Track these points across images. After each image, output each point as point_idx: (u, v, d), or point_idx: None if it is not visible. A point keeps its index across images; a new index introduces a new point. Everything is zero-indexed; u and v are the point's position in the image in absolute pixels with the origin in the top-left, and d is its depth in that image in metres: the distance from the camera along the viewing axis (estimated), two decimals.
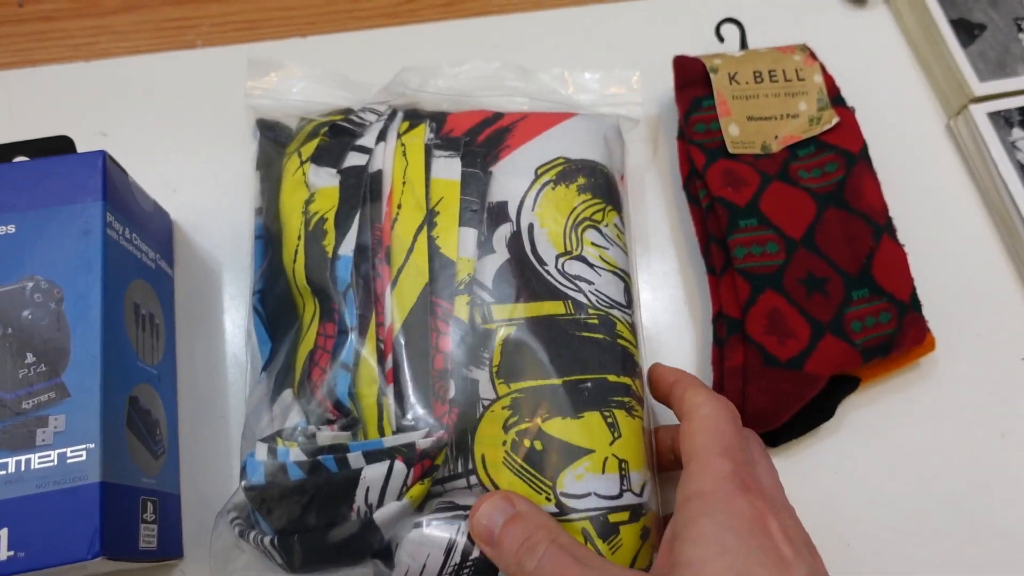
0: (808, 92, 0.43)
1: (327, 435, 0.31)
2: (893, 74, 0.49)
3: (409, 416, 0.32)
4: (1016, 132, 0.44)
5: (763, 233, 0.39)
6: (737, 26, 0.47)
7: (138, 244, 0.37)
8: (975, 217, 0.45)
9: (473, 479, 0.32)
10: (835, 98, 0.43)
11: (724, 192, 0.41)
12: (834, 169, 0.41)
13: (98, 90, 0.47)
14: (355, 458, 0.30)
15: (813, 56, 0.44)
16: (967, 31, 0.47)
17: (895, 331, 0.38)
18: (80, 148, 0.39)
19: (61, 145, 0.39)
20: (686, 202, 0.45)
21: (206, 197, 0.44)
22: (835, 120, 0.42)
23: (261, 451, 0.31)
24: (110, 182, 0.35)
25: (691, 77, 0.44)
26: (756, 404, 0.37)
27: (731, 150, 0.42)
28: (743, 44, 0.47)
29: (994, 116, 0.45)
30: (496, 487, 0.32)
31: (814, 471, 0.39)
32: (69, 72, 0.48)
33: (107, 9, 0.50)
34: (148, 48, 0.49)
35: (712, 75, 0.43)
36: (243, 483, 0.30)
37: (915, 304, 0.39)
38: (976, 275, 0.44)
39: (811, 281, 0.39)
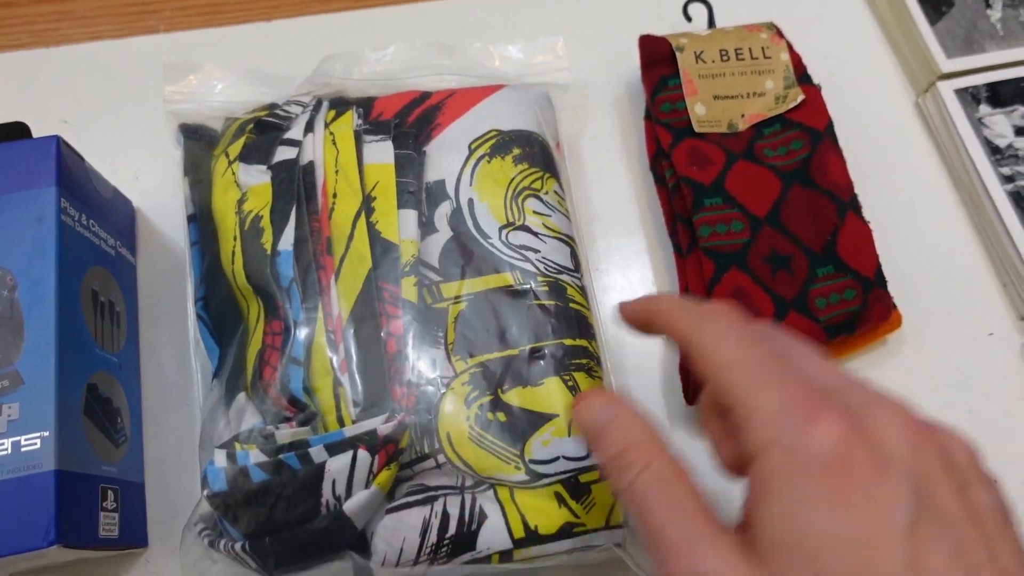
0: (775, 70, 0.43)
1: (286, 433, 0.30)
2: (862, 51, 0.49)
3: (367, 403, 0.31)
4: (983, 108, 0.45)
5: (728, 211, 0.39)
6: (705, 5, 0.46)
7: (96, 231, 0.37)
8: (943, 194, 0.45)
9: (441, 458, 0.32)
10: (801, 76, 0.43)
11: (690, 171, 0.40)
12: (799, 147, 0.41)
13: (59, 77, 0.46)
14: (317, 452, 0.30)
15: (780, 34, 0.43)
16: (935, 8, 0.47)
17: (860, 308, 0.38)
18: (40, 135, 0.38)
19: (16, 131, 0.38)
20: (653, 182, 0.44)
21: (170, 184, 0.43)
22: (800, 98, 0.42)
23: (220, 457, 0.30)
24: (65, 168, 0.35)
25: (657, 56, 0.44)
26: None
27: (697, 129, 0.42)
28: (711, 23, 0.46)
29: (961, 93, 0.45)
30: (466, 464, 0.31)
31: None
32: (30, 59, 0.47)
33: None
34: (110, 34, 0.48)
35: (678, 54, 0.43)
36: (205, 492, 0.30)
37: (880, 281, 0.39)
38: (944, 252, 0.43)
39: (775, 259, 0.38)
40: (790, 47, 0.44)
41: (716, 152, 0.41)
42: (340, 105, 0.38)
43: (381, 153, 0.36)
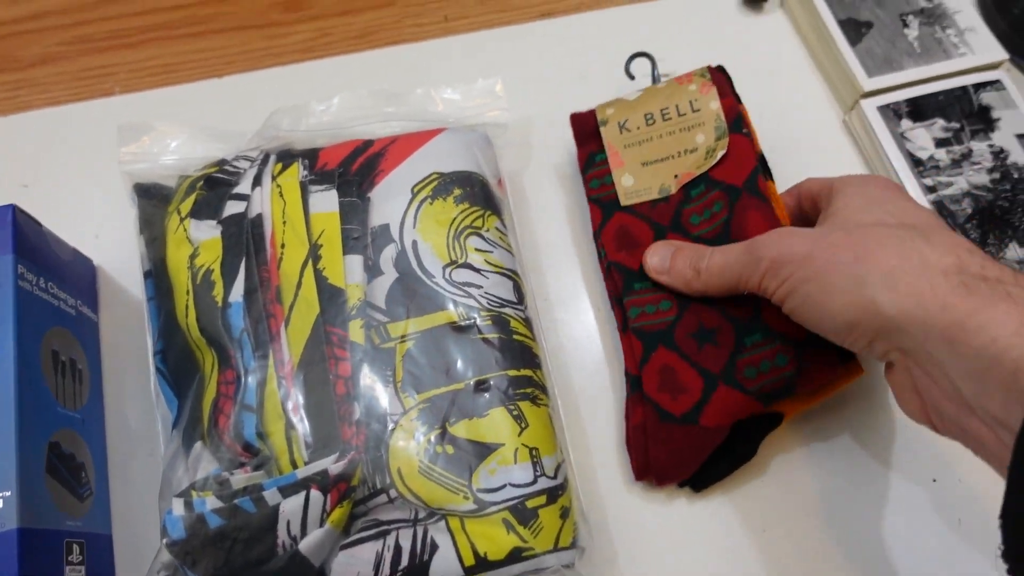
0: (705, 122, 0.41)
1: (241, 478, 0.32)
2: (792, 75, 0.51)
3: (319, 444, 0.33)
4: (905, 123, 0.47)
5: (657, 293, 0.39)
6: (648, 59, 0.46)
7: (55, 293, 0.38)
8: None
9: (393, 492, 0.33)
10: (733, 123, 0.41)
11: (619, 257, 0.41)
12: (719, 209, 0.39)
13: (18, 143, 0.48)
14: (271, 495, 0.31)
15: (711, 81, 0.42)
16: (855, 29, 0.49)
17: (794, 372, 0.36)
18: (1, 201, 0.39)
19: None
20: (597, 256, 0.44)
21: (130, 241, 0.43)
22: (722, 152, 0.40)
23: (178, 506, 0.31)
24: (21, 235, 0.36)
25: (586, 131, 0.44)
26: (657, 460, 0.37)
27: (623, 202, 0.42)
28: (655, 78, 0.46)
29: (884, 109, 0.47)
30: (417, 497, 0.33)
31: (740, 521, 0.39)
32: None
33: (25, 62, 0.51)
34: (67, 98, 0.50)
35: (602, 128, 0.43)
36: (165, 541, 0.31)
37: (815, 340, 0.35)
38: None
39: (702, 333, 0.38)
40: (722, 92, 0.42)
41: (643, 230, 0.41)
42: (286, 158, 0.40)
43: (326, 202, 0.38)
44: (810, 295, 0.32)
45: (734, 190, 0.39)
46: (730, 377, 0.37)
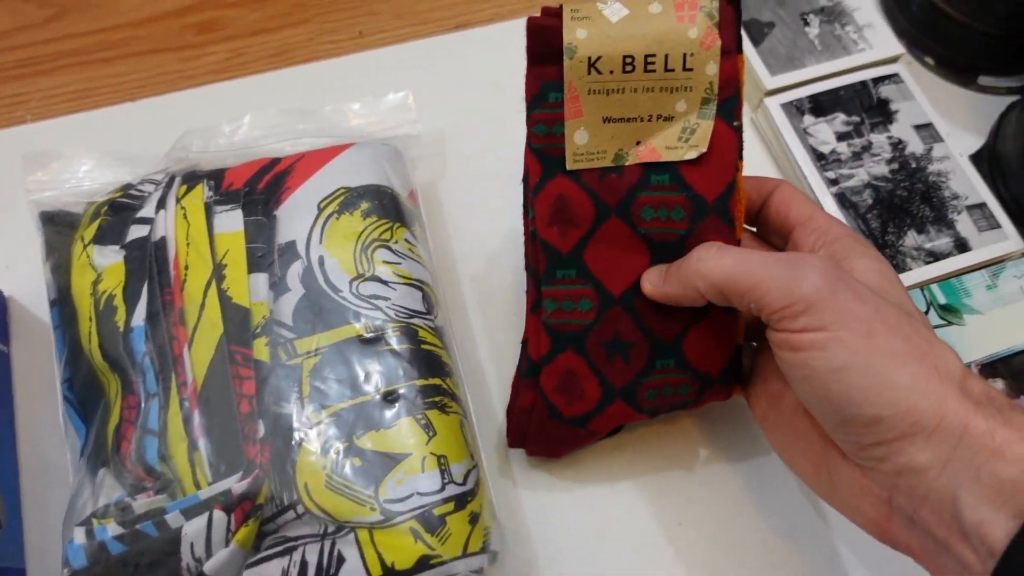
0: (694, 87, 0.33)
1: (143, 503, 0.32)
2: None
3: (222, 464, 0.33)
4: (807, 119, 0.48)
5: (579, 287, 0.35)
6: None
7: None
8: None
9: (300, 508, 0.33)
10: (725, 103, 0.33)
11: (549, 234, 0.35)
12: (680, 219, 0.34)
13: None
14: (174, 518, 0.31)
15: (718, 27, 0.32)
16: (758, 30, 0.51)
17: (692, 401, 0.36)
18: None
19: None
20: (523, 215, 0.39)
21: (40, 271, 0.43)
22: (699, 150, 0.33)
23: (79, 535, 0.31)
24: None
25: (546, 51, 0.33)
26: (534, 443, 0.38)
27: (570, 165, 0.34)
28: None
29: (787, 106, 0.48)
30: (324, 511, 0.33)
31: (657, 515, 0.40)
32: None
33: None
34: None
35: (566, 59, 0.32)
36: (66, 571, 0.31)
37: (724, 378, 0.35)
38: None
39: (615, 344, 0.35)
40: (730, 39, 0.33)
41: (584, 206, 0.34)
42: (192, 179, 0.40)
43: (231, 222, 0.38)
44: (849, 368, 0.27)
45: (702, 205, 0.34)
46: (629, 396, 0.36)
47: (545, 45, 0.33)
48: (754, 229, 0.38)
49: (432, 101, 0.49)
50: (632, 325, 0.35)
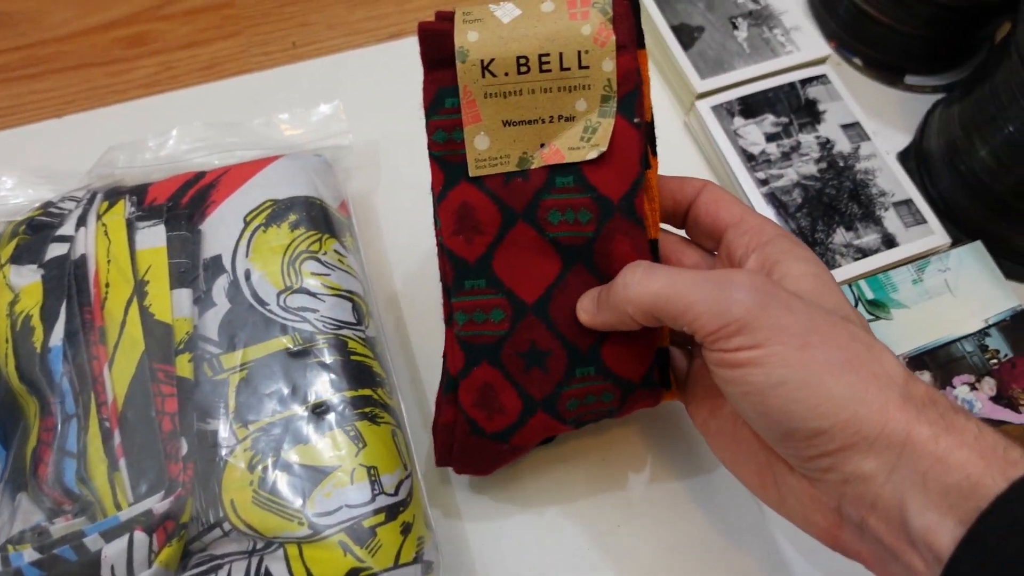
0: (592, 86, 0.32)
1: (61, 526, 0.31)
2: None
3: (144, 484, 0.32)
4: (737, 121, 0.49)
5: (490, 297, 0.34)
6: None
7: None
8: None
9: (227, 526, 0.32)
10: (626, 98, 0.32)
11: (455, 243, 0.33)
12: (586, 221, 0.33)
13: None
14: (93, 541, 0.30)
15: (612, 22, 0.31)
16: (688, 34, 0.51)
17: (616, 408, 0.35)
18: None
19: None
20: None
21: None
22: (600, 149, 0.32)
23: None
24: None
25: (440, 56, 0.32)
26: (461, 462, 0.36)
27: (472, 172, 0.33)
28: None
29: (717, 109, 0.49)
30: (251, 528, 0.32)
31: (597, 518, 0.41)
32: None
33: None
34: None
35: (459, 66, 0.32)
36: None
37: (647, 382, 0.34)
38: None
39: (532, 354, 0.34)
40: (626, 33, 0.32)
41: (491, 212, 0.33)
42: (114, 196, 0.39)
43: (153, 238, 0.38)
44: (786, 382, 0.27)
45: (607, 205, 0.33)
46: (551, 407, 0.34)
47: (439, 50, 0.32)
48: (683, 232, 0.37)
49: (366, 111, 0.49)
50: (548, 334, 0.34)
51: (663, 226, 0.36)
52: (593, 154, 0.32)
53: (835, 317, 0.28)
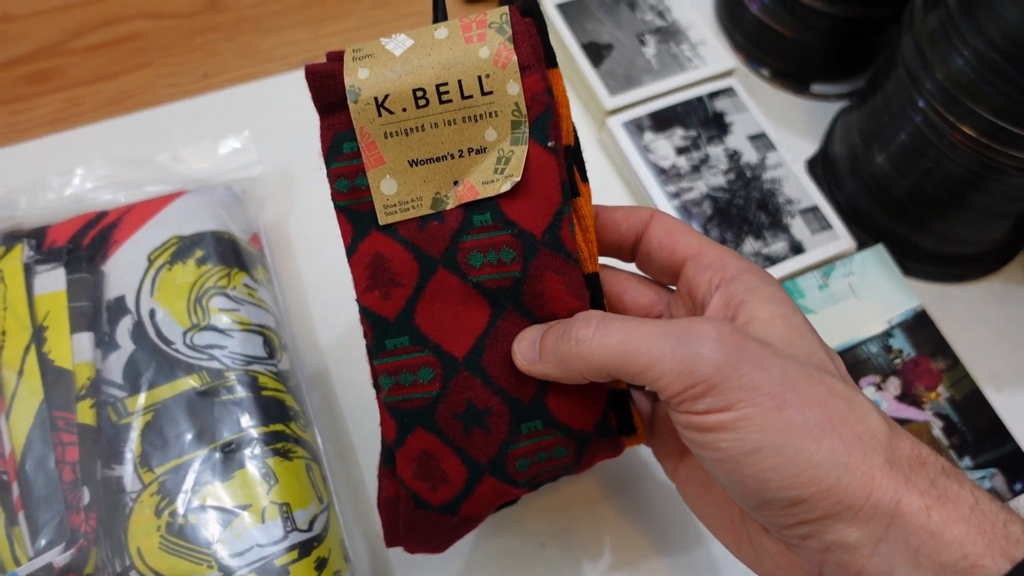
0: (499, 112, 0.29)
1: None
2: None
3: (44, 537, 0.31)
4: (648, 136, 0.49)
5: (415, 356, 0.30)
6: None
7: None
8: None
9: (134, 574, 0.32)
10: (538, 121, 0.29)
11: (370, 299, 0.30)
12: (511, 260, 0.30)
13: None
14: None
15: (513, 42, 0.29)
16: (596, 52, 0.52)
17: (572, 463, 0.32)
18: None
19: None
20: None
21: None
22: (514, 180, 0.29)
23: None
24: None
25: (334, 99, 0.30)
26: (409, 539, 0.32)
27: (382, 220, 0.30)
28: (436, 15, 0.32)
29: (628, 125, 0.50)
30: (158, 575, 0.32)
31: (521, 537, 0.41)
32: None
33: None
34: None
35: (352, 107, 0.29)
36: None
37: (603, 432, 0.31)
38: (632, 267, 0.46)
39: (471, 414, 0.30)
40: (529, 54, 0.29)
41: (407, 263, 0.30)
42: (10, 240, 0.38)
43: (52, 282, 0.37)
44: (761, 449, 0.24)
45: (530, 241, 0.30)
46: (499, 470, 0.31)
47: (330, 93, 0.29)
48: (633, 266, 0.34)
49: (280, 139, 0.49)
50: (485, 389, 0.30)
51: (611, 261, 0.34)
52: (507, 186, 0.29)
53: (811, 369, 0.26)
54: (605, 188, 0.51)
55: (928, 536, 0.23)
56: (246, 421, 0.35)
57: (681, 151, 0.49)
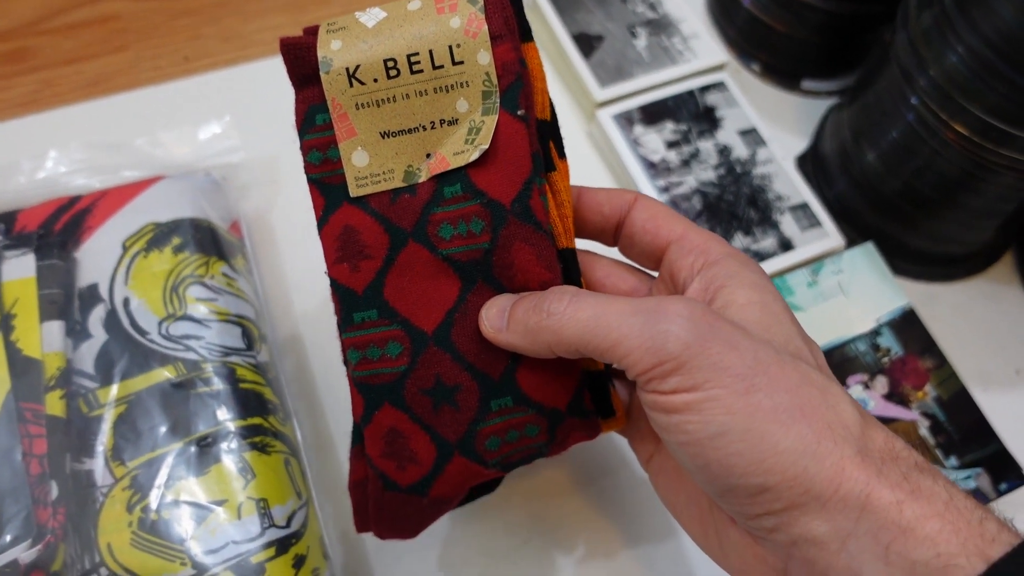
0: (470, 82, 0.29)
1: None
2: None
3: (10, 533, 0.30)
4: (638, 129, 0.49)
5: (384, 330, 0.30)
6: None
7: None
8: None
9: (104, 571, 0.31)
10: (508, 90, 0.29)
11: (339, 272, 0.30)
12: (480, 231, 0.30)
13: None
14: None
15: (484, 13, 0.29)
16: (587, 43, 0.51)
17: (545, 443, 0.31)
18: None
19: None
20: None
21: None
22: (483, 147, 0.29)
23: None
24: None
25: (308, 72, 0.30)
26: (379, 523, 0.31)
27: (354, 193, 0.30)
28: None
29: (618, 117, 0.49)
30: (130, 572, 0.31)
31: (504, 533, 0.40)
32: None
33: None
34: None
35: (323, 77, 0.29)
36: None
37: (576, 411, 0.30)
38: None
39: (439, 390, 0.30)
40: (501, 25, 0.29)
41: (377, 235, 0.30)
42: None
43: (21, 268, 0.36)
44: (727, 432, 0.23)
45: (499, 210, 0.29)
46: (469, 449, 0.30)
47: (304, 66, 0.29)
48: (616, 252, 0.33)
49: (264, 125, 0.48)
50: (454, 365, 0.30)
51: (593, 246, 0.34)
52: (476, 155, 0.29)
53: (785, 355, 0.25)
54: (593, 181, 0.49)
55: (900, 532, 0.22)
56: (223, 414, 0.34)
57: (671, 145, 0.49)
